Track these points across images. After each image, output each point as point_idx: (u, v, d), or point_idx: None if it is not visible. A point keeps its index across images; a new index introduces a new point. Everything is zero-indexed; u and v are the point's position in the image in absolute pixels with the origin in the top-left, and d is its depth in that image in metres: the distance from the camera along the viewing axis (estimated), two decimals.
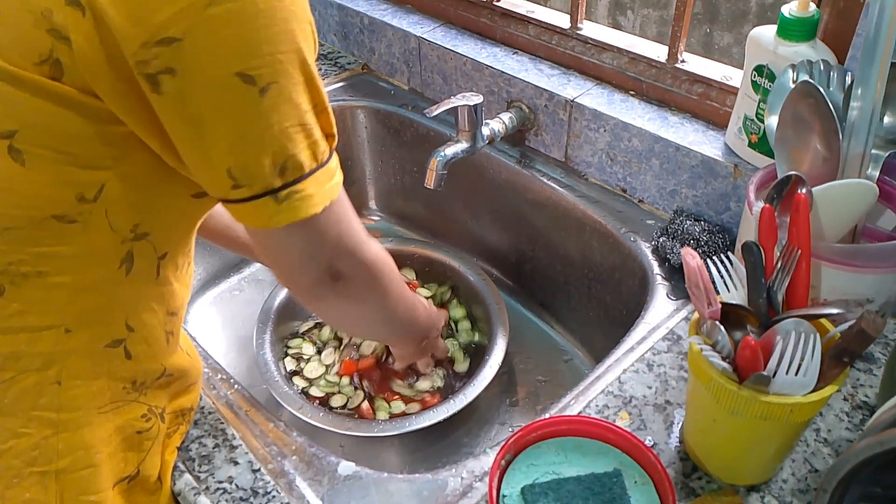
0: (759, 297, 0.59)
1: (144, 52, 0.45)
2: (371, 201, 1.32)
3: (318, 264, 0.59)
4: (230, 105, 0.48)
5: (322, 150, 0.54)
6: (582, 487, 0.60)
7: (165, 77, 0.46)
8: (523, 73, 1.03)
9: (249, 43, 0.47)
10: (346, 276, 0.62)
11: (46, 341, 0.55)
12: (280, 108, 0.50)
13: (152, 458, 0.63)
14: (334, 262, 0.60)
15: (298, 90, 0.51)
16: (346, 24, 1.30)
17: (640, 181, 0.96)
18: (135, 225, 0.55)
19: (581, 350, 1.07)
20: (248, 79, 0.47)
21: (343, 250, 0.60)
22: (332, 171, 0.55)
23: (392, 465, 0.93)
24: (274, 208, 0.52)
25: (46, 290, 0.53)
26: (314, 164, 0.53)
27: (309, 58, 0.51)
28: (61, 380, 0.56)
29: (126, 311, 0.59)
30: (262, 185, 0.51)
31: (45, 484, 0.57)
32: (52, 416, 0.56)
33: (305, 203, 0.53)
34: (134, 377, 0.61)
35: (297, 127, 0.51)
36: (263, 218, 0.53)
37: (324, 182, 0.54)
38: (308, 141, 0.52)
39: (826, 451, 0.65)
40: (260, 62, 0.48)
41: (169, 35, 0.45)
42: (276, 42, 0.48)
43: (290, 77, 0.50)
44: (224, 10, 0.45)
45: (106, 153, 0.51)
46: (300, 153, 0.52)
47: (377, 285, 0.67)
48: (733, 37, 2.63)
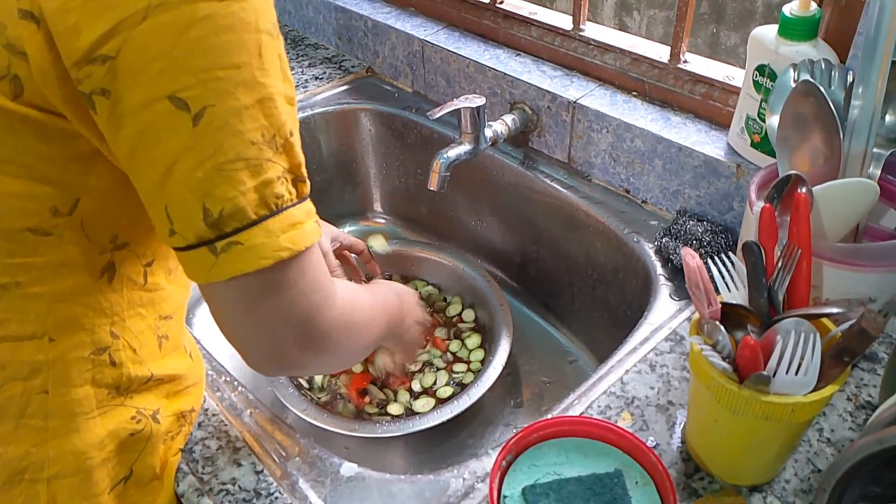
0: (759, 297, 0.59)
1: (77, 69, 0.42)
2: (375, 203, 1.33)
3: (269, 328, 0.49)
4: (160, 134, 0.42)
5: (277, 193, 0.45)
6: (583, 488, 0.60)
7: (99, 98, 0.43)
8: (526, 75, 1.04)
9: (183, 59, 0.41)
10: (311, 342, 0.52)
11: (30, 350, 0.54)
12: (215, 138, 0.42)
13: (146, 458, 0.63)
14: (287, 328, 0.50)
15: (243, 116, 0.43)
16: (349, 27, 1.30)
17: (643, 182, 0.96)
18: (113, 236, 0.54)
19: (585, 351, 1.06)
20: (179, 103, 0.41)
21: (298, 315, 0.50)
22: (294, 218, 0.47)
23: (396, 466, 0.93)
24: (211, 260, 0.45)
25: (25, 300, 0.53)
26: (264, 211, 0.45)
27: (264, 75, 0.44)
28: (48, 388, 0.56)
29: (110, 319, 0.58)
30: (195, 234, 0.44)
31: (35, 491, 0.57)
32: (41, 424, 0.56)
33: (247, 256, 0.45)
34: (118, 383, 0.60)
35: (237, 163, 0.43)
36: (202, 271, 0.46)
37: (278, 232, 0.46)
38: (255, 182, 0.44)
39: (829, 451, 0.64)
40: (194, 81, 0.41)
41: (103, 52, 0.41)
42: (214, 56, 0.42)
43: (232, 99, 0.42)
44: (157, 22, 0.41)
45: (73, 169, 0.49)
46: (241, 197, 0.44)
47: (347, 338, 0.57)
48: (740, 37, 2.62)
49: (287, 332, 0.50)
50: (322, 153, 1.25)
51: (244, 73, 0.43)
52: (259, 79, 0.43)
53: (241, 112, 0.43)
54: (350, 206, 1.31)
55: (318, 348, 0.53)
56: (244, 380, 0.80)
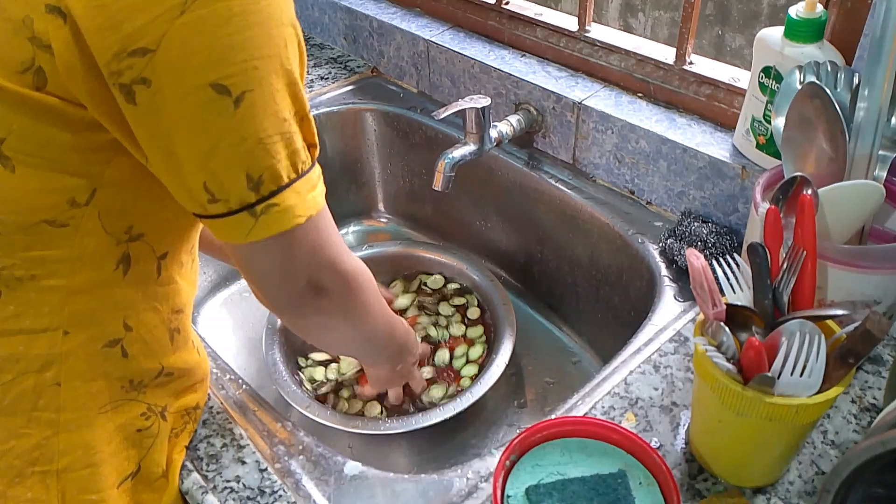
0: (764, 298, 0.59)
1: (117, 62, 0.44)
2: (380, 203, 1.33)
3: (297, 278, 0.57)
4: (204, 117, 0.47)
5: (303, 159, 0.52)
6: (587, 488, 0.60)
7: (140, 87, 0.45)
8: (531, 76, 1.04)
9: (222, 50, 0.45)
10: (326, 289, 0.59)
11: (44, 343, 0.55)
12: (256, 119, 0.48)
13: (153, 455, 0.64)
14: (314, 275, 0.58)
15: (277, 98, 0.49)
16: (355, 27, 1.30)
17: (647, 183, 0.96)
18: (129, 227, 0.55)
19: (589, 352, 1.06)
20: (221, 89, 0.46)
21: (323, 263, 0.58)
22: (313, 181, 0.53)
23: (400, 465, 0.93)
24: (251, 223, 0.50)
25: (41, 293, 0.54)
26: (294, 174, 0.51)
27: (289, 63, 0.49)
28: (61, 381, 0.56)
29: (124, 311, 0.59)
30: (238, 202, 0.49)
31: (46, 483, 0.58)
32: (53, 417, 0.57)
33: (285, 216, 0.51)
34: (131, 376, 0.61)
35: (275, 136, 0.49)
36: (241, 233, 0.51)
37: (304, 193, 0.52)
38: (287, 151, 0.50)
39: (833, 453, 0.64)
40: (233, 70, 0.46)
41: (142, 45, 0.44)
42: (250, 48, 0.46)
43: (268, 84, 0.48)
44: (196, 17, 0.44)
45: (94, 159, 0.50)
46: (278, 164, 0.50)
47: (357, 298, 0.64)
48: (745, 38, 2.61)
49: (305, 283, 0.57)
50: (327, 153, 1.25)
51: (275, 62, 0.48)
52: (286, 66, 0.49)
53: (274, 95, 0.48)
54: (354, 205, 1.31)
55: (326, 303, 0.60)
56: (248, 377, 0.81)
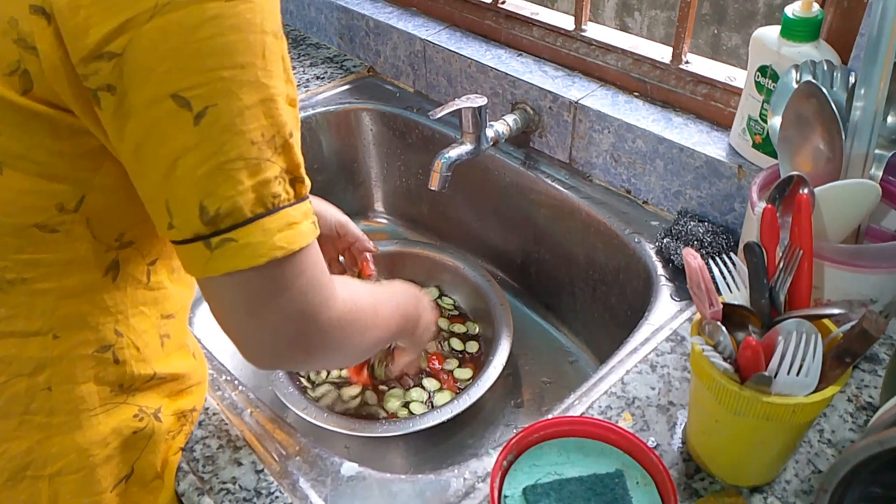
0: (761, 298, 0.59)
1: (86, 65, 0.43)
2: (377, 203, 1.33)
3: (268, 324, 0.50)
4: (162, 131, 0.43)
5: (274, 193, 0.46)
6: (584, 488, 0.60)
7: (105, 94, 0.43)
8: (528, 75, 1.04)
9: (189, 58, 0.42)
10: (308, 340, 0.52)
11: (35, 346, 0.55)
12: (216, 139, 0.43)
13: (147, 456, 0.63)
14: (289, 324, 0.50)
15: (245, 116, 0.44)
16: (351, 27, 1.30)
17: (644, 182, 0.96)
18: (119, 234, 0.55)
19: (586, 351, 1.06)
20: (182, 101, 0.42)
21: (300, 311, 0.50)
22: (292, 218, 0.47)
23: (397, 466, 0.93)
24: (206, 255, 0.46)
25: (32, 297, 0.53)
26: (260, 209, 0.45)
27: (267, 76, 0.44)
28: (52, 385, 0.56)
29: (114, 317, 0.58)
30: (191, 230, 0.45)
31: (38, 487, 0.57)
32: (44, 420, 0.57)
33: (242, 253, 0.45)
34: (121, 381, 0.60)
35: (237, 162, 0.44)
36: (196, 265, 0.47)
37: (274, 231, 0.46)
38: (253, 181, 0.45)
39: (830, 452, 0.64)
40: (198, 80, 0.42)
41: (109, 49, 0.42)
42: (220, 55, 0.42)
43: (235, 99, 0.43)
44: (166, 21, 0.41)
45: (82, 166, 0.49)
46: (239, 196, 0.44)
47: (349, 338, 0.57)
48: (741, 38, 2.62)
49: (284, 330, 0.50)
50: (323, 153, 1.25)
51: (248, 73, 0.43)
52: (262, 79, 0.44)
53: (243, 112, 0.43)
54: (351, 205, 1.30)
55: (315, 348, 0.53)
56: (245, 379, 0.80)
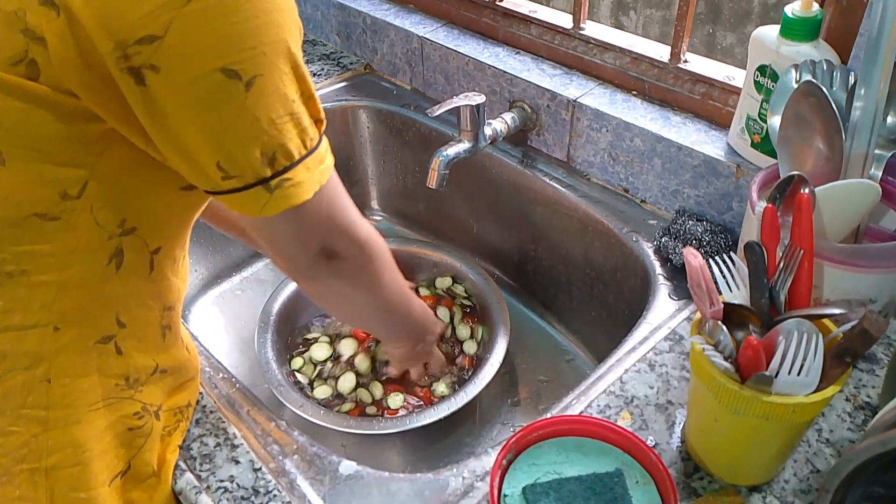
0: (761, 297, 0.59)
1: (123, 49, 0.44)
2: (373, 201, 1.32)
3: (313, 244, 0.60)
4: (215, 101, 0.48)
5: (311, 136, 0.54)
6: (583, 487, 0.60)
7: (149, 72, 0.46)
8: (525, 73, 1.03)
9: (232, 38, 0.46)
10: (340, 255, 0.63)
11: (33, 340, 0.54)
12: (267, 101, 0.49)
13: (144, 454, 0.63)
14: (328, 242, 0.61)
15: (285, 81, 0.50)
16: (348, 24, 1.30)
17: (642, 181, 0.96)
18: (122, 220, 0.55)
19: (583, 350, 1.06)
20: (232, 74, 0.47)
21: (336, 230, 0.61)
22: (321, 155, 0.55)
23: (394, 464, 0.93)
24: (266, 197, 0.52)
25: (31, 289, 0.53)
26: (304, 151, 0.53)
27: (294, 47, 0.51)
28: (50, 378, 0.56)
29: (117, 307, 0.58)
30: (253, 176, 0.51)
31: (34, 481, 0.57)
32: (42, 414, 0.56)
33: (296, 190, 0.53)
34: (126, 373, 0.60)
35: (285, 117, 0.51)
36: (256, 207, 0.53)
37: (313, 168, 0.54)
38: (297, 129, 0.52)
39: (828, 451, 0.65)
40: (243, 56, 0.47)
41: (149, 32, 0.44)
42: (259, 35, 0.47)
43: (276, 68, 0.49)
44: (204, 4, 0.45)
45: (86, 151, 0.50)
46: (289, 142, 0.52)
47: (370, 264, 0.67)
48: (736, 37, 2.62)
49: (322, 249, 0.61)
50: None
51: (282, 47, 0.49)
52: (291, 49, 0.50)
53: (283, 77, 0.50)
54: None
55: (343, 268, 0.64)
56: (241, 377, 0.80)
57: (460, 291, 1.07)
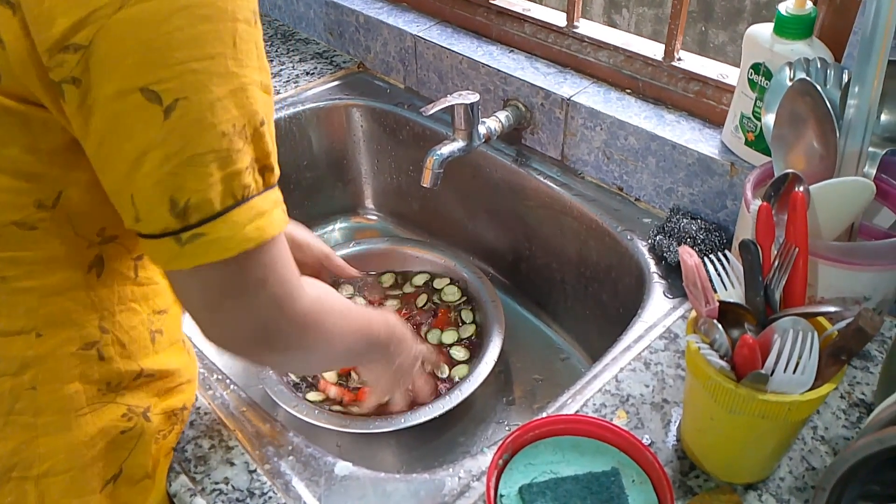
0: (756, 296, 0.59)
1: (51, 56, 0.41)
2: (367, 200, 1.32)
3: (240, 317, 0.50)
4: (130, 125, 0.42)
5: (244, 184, 0.45)
6: (580, 487, 0.59)
7: (69, 87, 0.42)
8: (519, 72, 1.03)
9: (158, 50, 0.41)
10: (276, 332, 0.53)
11: (18, 346, 0.54)
12: (186, 132, 0.42)
13: (136, 457, 0.62)
14: (259, 317, 0.51)
15: (216, 108, 0.43)
16: (341, 22, 1.29)
17: (636, 179, 0.95)
18: (101, 229, 0.53)
19: (577, 348, 1.06)
20: (151, 95, 0.41)
21: (268, 302, 0.50)
22: (260, 208, 0.47)
23: (388, 463, 0.92)
24: (175, 250, 0.45)
25: (13, 295, 0.52)
26: (230, 201, 0.45)
27: (238, 65, 0.43)
28: (36, 384, 0.55)
29: (99, 314, 0.57)
30: (160, 225, 0.45)
31: (24, 489, 0.56)
32: (30, 421, 0.56)
33: (212, 248, 0.45)
34: (108, 379, 0.59)
35: (208, 155, 0.43)
36: (165, 258, 0.46)
37: (244, 223, 0.46)
38: (223, 173, 0.44)
39: (823, 448, 0.65)
40: (168, 73, 0.41)
41: (75, 41, 0.40)
42: (191, 47, 0.41)
43: (206, 92, 0.42)
44: (136, 11, 0.40)
45: (57, 161, 0.48)
46: (209, 189, 0.44)
47: (316, 334, 0.57)
48: (728, 35, 2.63)
49: (250, 321, 0.50)
50: (313, 149, 1.24)
51: (218, 64, 0.42)
52: (232, 69, 0.43)
53: (213, 104, 0.43)
54: (341, 202, 1.30)
55: (281, 341, 0.53)
56: (235, 377, 0.80)
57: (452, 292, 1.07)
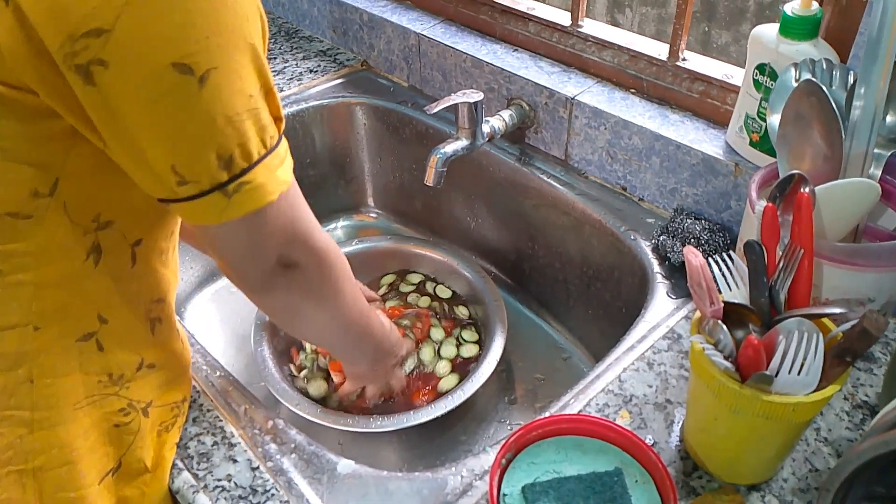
0: (760, 296, 0.59)
1: (71, 44, 0.42)
2: (369, 199, 1.32)
3: (269, 253, 0.56)
4: (167, 98, 0.45)
5: (271, 134, 0.51)
6: (583, 486, 0.59)
7: (97, 68, 0.43)
8: (523, 71, 1.03)
9: (184, 29, 0.43)
10: (297, 265, 0.59)
11: (14, 340, 0.54)
12: (222, 97, 0.46)
13: (135, 451, 0.62)
14: (285, 250, 0.57)
15: (242, 74, 0.47)
16: (345, 20, 1.29)
17: (640, 179, 0.95)
18: (96, 215, 0.54)
19: (579, 348, 1.06)
20: (184, 68, 0.44)
21: (294, 237, 0.57)
22: (281, 155, 0.52)
23: (389, 462, 0.92)
24: (223, 203, 0.49)
25: (7, 289, 0.52)
26: (263, 150, 0.50)
27: (252, 37, 0.48)
28: (33, 378, 0.55)
29: (98, 303, 0.57)
30: (210, 181, 0.48)
31: (22, 482, 0.56)
32: (26, 415, 0.56)
33: (257, 193, 0.50)
34: (109, 370, 0.59)
35: (243, 114, 0.48)
36: (213, 214, 0.50)
37: (274, 168, 0.51)
38: (256, 127, 0.49)
39: (826, 450, 0.65)
40: (196, 48, 0.44)
41: (97, 25, 0.42)
42: (212, 23, 0.44)
43: (233, 60, 0.46)
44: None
45: (52, 149, 0.49)
46: (248, 142, 0.49)
47: (328, 275, 0.63)
48: (731, 35, 2.63)
49: (278, 262, 0.57)
50: (316, 147, 1.24)
51: (237, 37, 0.46)
52: (249, 39, 0.47)
53: (239, 70, 0.47)
54: (344, 200, 1.30)
55: (299, 280, 0.60)
56: (238, 375, 0.80)
57: (444, 293, 1.07)
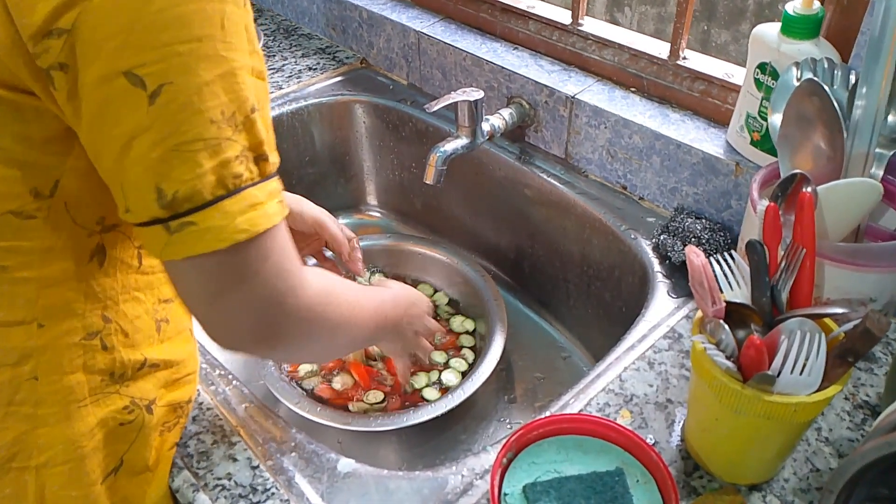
0: (762, 296, 0.59)
1: (36, 43, 0.41)
2: (369, 197, 1.32)
3: (233, 315, 0.48)
4: (116, 112, 0.41)
5: (235, 173, 0.43)
6: (584, 486, 0.59)
7: (57, 73, 0.41)
8: (524, 69, 1.03)
9: (142, 32, 0.39)
10: (275, 329, 0.49)
11: (18, 336, 0.53)
12: (173, 119, 0.41)
13: (137, 449, 0.62)
14: (258, 312, 0.48)
15: (204, 94, 0.41)
16: (344, 18, 1.29)
17: (640, 178, 0.95)
18: (100, 217, 0.53)
19: (579, 347, 1.06)
20: (135, 79, 0.39)
21: (268, 298, 0.48)
22: (253, 199, 0.45)
23: (389, 461, 0.92)
24: (165, 238, 0.44)
25: (12, 285, 0.52)
26: (221, 191, 0.43)
27: (228, 48, 0.42)
28: (38, 375, 0.55)
29: (102, 303, 0.56)
30: (147, 214, 0.43)
31: (24, 480, 0.56)
32: (30, 412, 0.55)
33: (203, 238, 0.43)
34: (111, 369, 0.59)
35: (196, 143, 0.41)
36: (156, 247, 0.45)
37: (237, 213, 0.44)
38: (213, 162, 0.42)
39: (827, 450, 0.65)
40: (152, 56, 0.39)
41: (58, 25, 0.39)
42: (176, 28, 0.39)
43: (193, 76, 0.40)
44: None
45: (51, 149, 0.48)
46: (198, 179, 0.42)
47: (319, 331, 0.54)
48: (731, 34, 2.63)
49: (247, 317, 0.48)
50: (315, 145, 1.24)
51: (206, 47, 0.41)
52: (221, 52, 0.42)
53: (201, 89, 0.41)
54: (343, 199, 1.30)
55: (280, 337, 0.50)
56: (237, 372, 0.79)
57: (441, 300, 1.07)
